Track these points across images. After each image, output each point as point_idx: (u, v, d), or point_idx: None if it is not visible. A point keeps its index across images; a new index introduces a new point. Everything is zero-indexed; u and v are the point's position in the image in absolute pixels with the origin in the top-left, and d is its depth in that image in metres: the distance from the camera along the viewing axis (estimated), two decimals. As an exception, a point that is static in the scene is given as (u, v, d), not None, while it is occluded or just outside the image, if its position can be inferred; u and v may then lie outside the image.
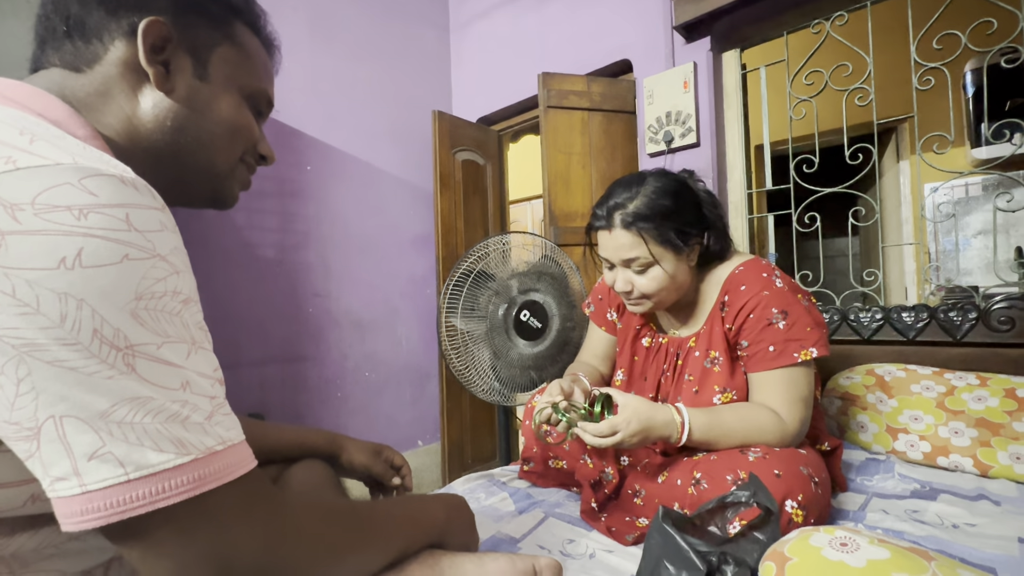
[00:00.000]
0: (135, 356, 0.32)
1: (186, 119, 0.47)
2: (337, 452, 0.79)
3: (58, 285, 0.29)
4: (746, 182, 1.83)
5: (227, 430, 0.36)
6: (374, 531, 0.47)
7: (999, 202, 1.38)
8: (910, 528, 0.84)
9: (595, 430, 0.83)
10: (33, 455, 0.30)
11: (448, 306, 1.56)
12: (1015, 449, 1.02)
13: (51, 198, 0.30)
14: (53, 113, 0.40)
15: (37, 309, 0.29)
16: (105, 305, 0.31)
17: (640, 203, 0.92)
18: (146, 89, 0.45)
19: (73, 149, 0.34)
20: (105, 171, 0.33)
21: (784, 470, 0.77)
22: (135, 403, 0.31)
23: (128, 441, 0.31)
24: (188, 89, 0.47)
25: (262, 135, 0.55)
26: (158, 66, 0.45)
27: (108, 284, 0.31)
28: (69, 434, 0.30)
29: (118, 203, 0.32)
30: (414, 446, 2.38)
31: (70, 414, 0.30)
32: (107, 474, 0.30)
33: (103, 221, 0.31)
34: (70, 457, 0.30)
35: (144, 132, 0.45)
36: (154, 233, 0.34)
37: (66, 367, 0.30)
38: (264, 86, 0.54)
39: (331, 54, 2.16)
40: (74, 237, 0.30)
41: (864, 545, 0.48)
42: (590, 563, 0.79)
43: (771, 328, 0.89)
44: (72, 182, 0.31)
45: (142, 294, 0.32)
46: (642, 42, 1.97)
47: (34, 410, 0.30)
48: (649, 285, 0.94)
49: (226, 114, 0.49)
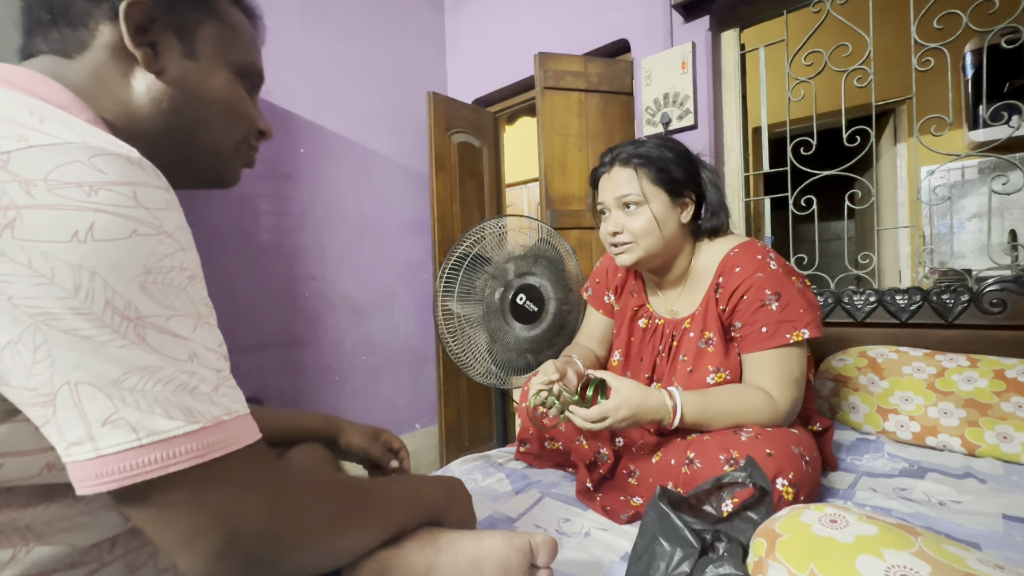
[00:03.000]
0: (145, 327, 0.33)
1: (181, 100, 0.46)
2: (335, 435, 0.80)
3: (72, 257, 0.30)
4: (743, 164, 1.82)
5: (233, 402, 0.37)
6: (374, 506, 0.48)
7: (995, 184, 1.39)
8: (898, 506, 0.86)
9: (585, 415, 0.84)
10: (49, 420, 0.31)
11: (444, 290, 1.56)
12: (1002, 429, 1.04)
13: (63, 175, 0.31)
14: (56, 98, 0.41)
15: (52, 280, 0.30)
16: (116, 277, 0.32)
17: (642, 148, 0.99)
18: (137, 72, 0.45)
19: (82, 129, 0.35)
20: (113, 150, 0.34)
21: (775, 449, 0.78)
22: (146, 372, 0.32)
23: (140, 408, 0.32)
24: (179, 69, 0.46)
25: (257, 110, 0.55)
26: (145, 48, 0.44)
27: (119, 257, 0.32)
28: (84, 400, 0.31)
29: (126, 181, 0.33)
30: (412, 429, 2.40)
31: (84, 381, 0.31)
32: (120, 439, 0.32)
33: (112, 198, 0.32)
34: (84, 422, 0.31)
35: (141, 116, 0.45)
36: (160, 211, 0.35)
37: (80, 336, 0.31)
38: (253, 59, 0.53)
39: (324, 34, 2.12)
40: (86, 212, 0.31)
41: (853, 522, 0.50)
42: (585, 541, 0.81)
43: (764, 309, 0.90)
44: (82, 160, 0.32)
45: (150, 268, 0.33)
46: (640, 22, 1.94)
47: (50, 376, 0.31)
48: (639, 226, 0.97)
49: (220, 92, 0.49)
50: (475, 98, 2.56)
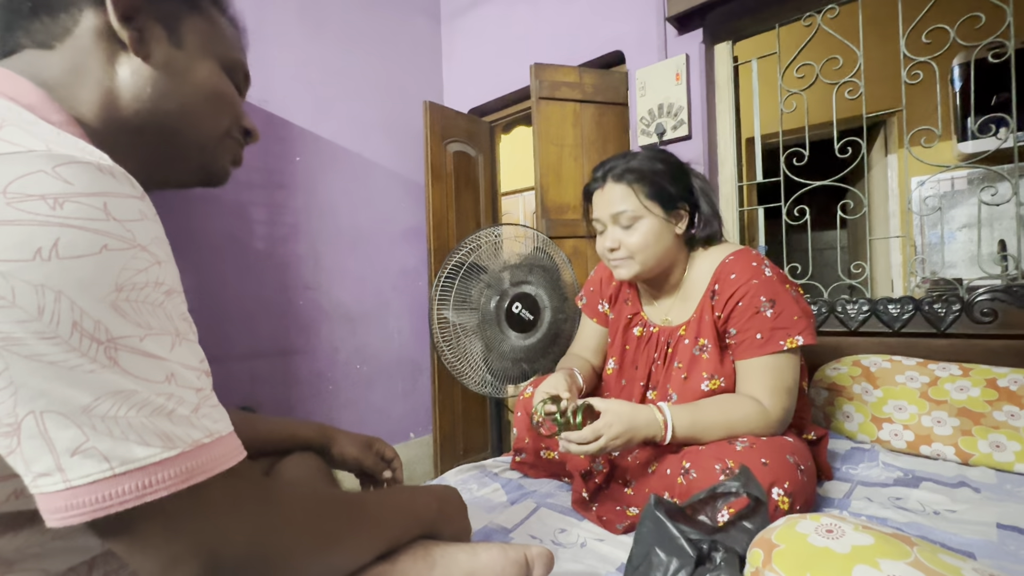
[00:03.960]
0: (117, 349, 0.31)
1: (166, 85, 0.45)
2: (328, 444, 0.79)
3: (34, 277, 0.28)
4: (737, 175, 1.84)
5: (214, 422, 0.35)
6: (365, 521, 0.47)
7: (983, 196, 1.41)
8: (893, 515, 0.86)
9: (578, 437, 0.83)
10: (14, 451, 0.30)
11: (440, 298, 1.55)
12: (995, 437, 1.05)
13: (24, 186, 0.29)
14: (26, 97, 0.39)
15: (13, 302, 0.28)
16: (84, 297, 0.30)
17: (633, 162, 0.99)
18: (122, 57, 0.43)
19: (46, 135, 0.33)
20: (81, 158, 0.32)
21: (771, 459, 0.78)
22: (119, 397, 0.31)
23: (112, 436, 0.30)
24: (165, 55, 0.45)
25: (243, 109, 0.54)
26: (133, 31, 0.43)
27: (87, 275, 0.30)
28: (51, 429, 0.29)
29: (95, 191, 0.31)
30: (406, 438, 2.39)
31: (51, 409, 0.29)
32: (91, 469, 0.30)
33: (80, 210, 0.30)
34: (52, 453, 0.29)
35: (124, 104, 0.43)
36: (134, 222, 0.33)
37: (45, 361, 0.29)
38: (239, 56, 0.52)
39: (320, 43, 2.13)
40: (50, 227, 0.29)
41: (849, 532, 0.49)
42: (581, 552, 0.80)
43: (759, 316, 0.91)
44: (46, 170, 0.30)
45: (123, 285, 0.31)
46: (634, 33, 1.97)
47: (13, 406, 0.29)
48: (636, 241, 0.97)
49: (206, 80, 0.48)
50: (471, 107, 2.57)
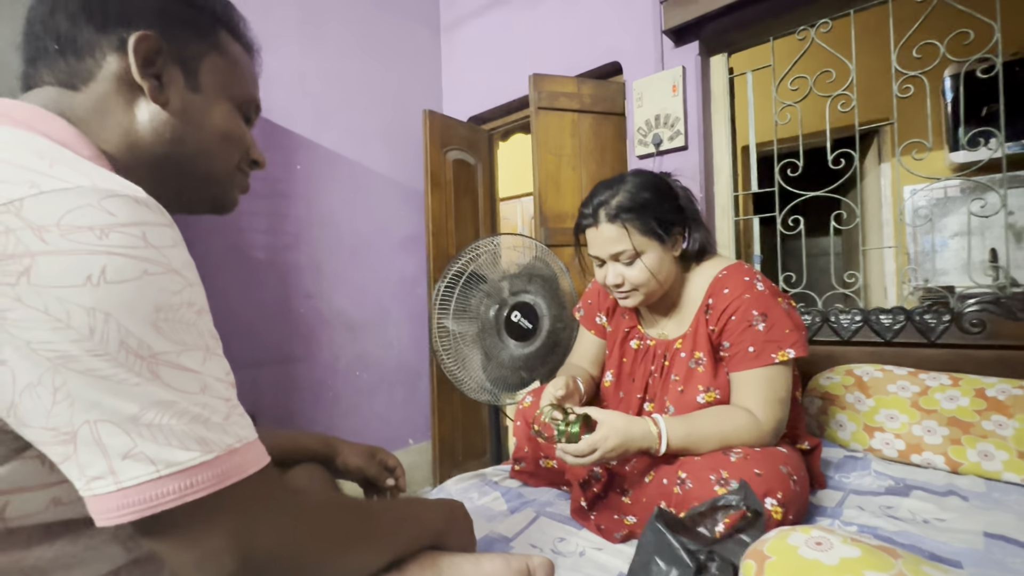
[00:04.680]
0: (158, 364, 0.34)
1: (183, 131, 0.48)
2: (332, 455, 0.81)
3: (86, 300, 0.32)
4: (732, 184, 1.87)
5: (243, 429, 0.39)
6: (379, 529, 0.50)
7: (973, 207, 1.44)
8: (884, 524, 0.88)
9: (575, 450, 0.85)
10: (70, 458, 0.33)
11: (440, 308, 1.57)
12: (983, 447, 1.07)
13: (75, 219, 0.32)
14: (59, 134, 0.42)
15: (68, 323, 0.31)
16: (129, 317, 0.33)
17: (622, 198, 0.97)
18: (141, 103, 0.46)
19: (90, 172, 0.36)
20: (121, 192, 0.35)
21: (764, 469, 0.80)
22: (161, 407, 0.34)
23: (157, 442, 0.33)
24: (182, 101, 0.48)
25: (253, 141, 0.57)
26: (152, 79, 0.45)
27: (131, 298, 0.33)
28: (104, 437, 0.33)
29: (135, 222, 0.34)
30: (405, 445, 2.40)
31: (103, 419, 0.32)
32: (140, 471, 0.33)
33: (123, 239, 0.33)
34: (106, 457, 0.33)
35: (144, 145, 0.46)
36: (168, 249, 0.36)
37: (97, 376, 0.32)
38: (252, 92, 0.55)
39: (321, 52, 2.15)
40: (98, 255, 0.32)
41: (837, 544, 0.52)
42: (580, 561, 0.82)
43: (751, 330, 0.93)
44: (93, 203, 0.33)
45: (161, 306, 0.34)
46: (632, 45, 2.00)
47: (70, 416, 0.32)
48: (638, 275, 0.98)
49: (220, 123, 0.51)
50: (470, 116, 2.60)
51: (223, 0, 0.52)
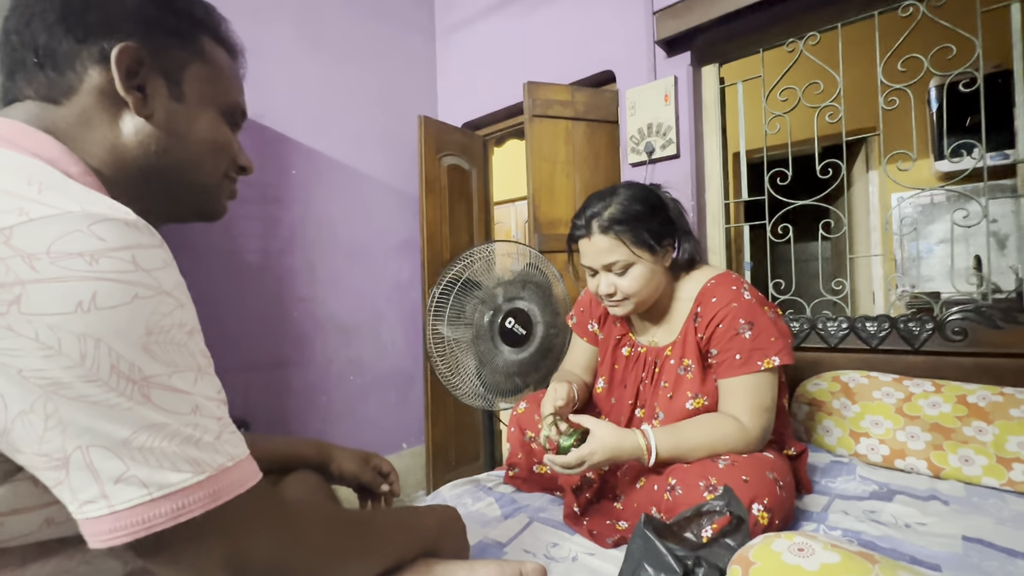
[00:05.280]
0: (149, 387, 0.34)
1: (168, 142, 0.47)
2: (327, 461, 0.82)
3: (77, 327, 0.32)
4: (723, 193, 1.90)
5: (234, 447, 0.39)
6: (374, 539, 0.51)
7: (956, 217, 1.47)
8: (867, 528, 0.91)
9: (563, 462, 0.89)
10: (62, 482, 0.33)
11: (435, 314, 1.59)
12: (964, 452, 1.10)
13: (65, 245, 0.32)
14: (47, 152, 0.41)
15: (59, 350, 0.31)
16: (120, 342, 0.33)
17: (615, 210, 1.00)
18: (125, 116, 0.45)
19: (80, 195, 0.36)
20: (111, 215, 0.35)
21: (751, 476, 0.83)
22: (153, 429, 0.34)
23: (149, 464, 0.34)
24: (166, 112, 0.47)
25: (239, 146, 0.56)
26: (135, 92, 0.45)
27: (121, 323, 0.33)
28: (96, 461, 0.33)
29: (124, 245, 0.34)
30: (399, 449, 2.41)
31: (95, 444, 0.33)
32: (132, 495, 0.33)
33: (113, 264, 0.33)
34: (98, 482, 0.33)
35: (130, 158, 0.46)
36: (158, 271, 0.36)
37: (89, 401, 0.32)
38: (237, 98, 0.54)
39: (316, 58, 2.16)
40: (88, 282, 0.32)
41: (819, 550, 0.54)
42: (573, 566, 0.84)
43: (738, 338, 0.95)
44: (82, 229, 0.33)
45: (152, 329, 0.35)
46: (625, 54, 2.02)
47: (62, 442, 0.32)
48: (630, 285, 1.00)
49: (206, 133, 0.50)
50: (465, 122, 2.61)
51: (204, 4, 0.51)
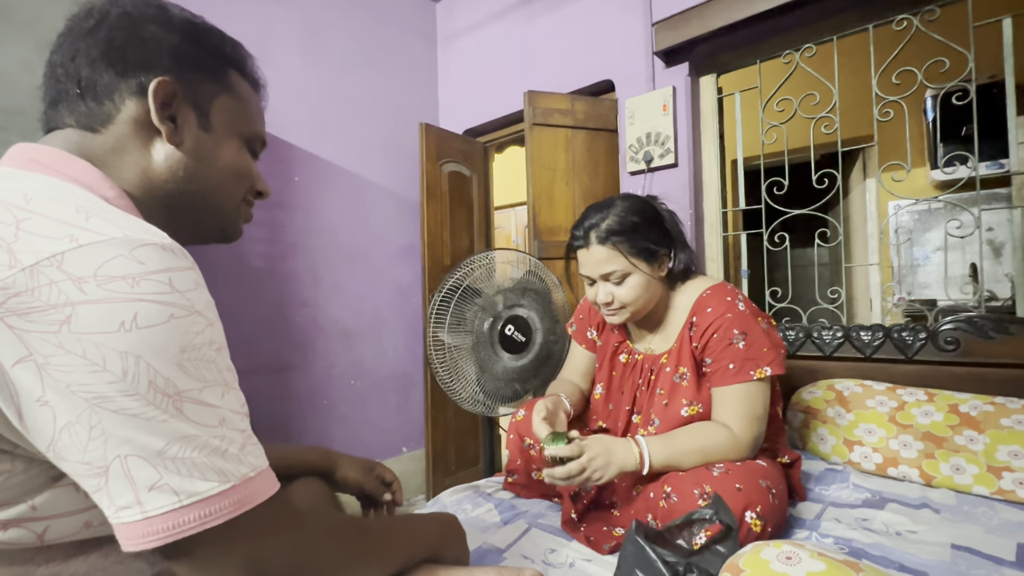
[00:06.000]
0: (182, 401, 0.37)
1: (196, 169, 0.51)
2: (332, 469, 0.84)
3: (119, 345, 0.35)
4: (721, 201, 1.92)
5: (256, 458, 0.42)
6: (381, 546, 0.54)
7: (949, 227, 1.49)
8: (859, 536, 0.92)
9: (565, 471, 0.89)
10: (101, 489, 0.36)
11: (436, 321, 1.61)
12: (955, 461, 1.12)
13: (110, 269, 0.36)
14: (86, 177, 0.45)
15: (104, 367, 0.34)
16: (157, 359, 0.36)
17: (612, 221, 1.02)
18: (157, 143, 0.49)
19: (120, 222, 0.39)
20: (149, 240, 0.38)
21: (744, 484, 0.85)
22: (184, 441, 0.37)
23: (180, 474, 0.37)
24: (194, 140, 0.51)
25: (258, 173, 0.60)
26: (168, 122, 0.48)
27: (159, 341, 0.36)
28: (133, 470, 0.36)
29: (162, 268, 0.38)
30: (399, 453, 2.43)
31: (133, 453, 0.35)
32: (164, 502, 0.36)
33: (152, 287, 0.37)
34: (134, 489, 0.36)
35: (159, 183, 0.49)
36: (191, 292, 0.39)
37: (129, 414, 0.35)
38: (259, 128, 0.59)
39: (319, 65, 2.19)
40: (130, 303, 0.35)
41: (805, 559, 0.56)
42: (570, 572, 0.86)
43: (732, 347, 0.98)
44: (125, 254, 0.36)
45: (185, 347, 0.38)
46: (624, 64, 2.05)
47: (103, 451, 0.35)
48: (628, 294, 1.03)
49: (229, 160, 0.54)
50: (466, 128, 2.64)
51: (232, 41, 0.56)
